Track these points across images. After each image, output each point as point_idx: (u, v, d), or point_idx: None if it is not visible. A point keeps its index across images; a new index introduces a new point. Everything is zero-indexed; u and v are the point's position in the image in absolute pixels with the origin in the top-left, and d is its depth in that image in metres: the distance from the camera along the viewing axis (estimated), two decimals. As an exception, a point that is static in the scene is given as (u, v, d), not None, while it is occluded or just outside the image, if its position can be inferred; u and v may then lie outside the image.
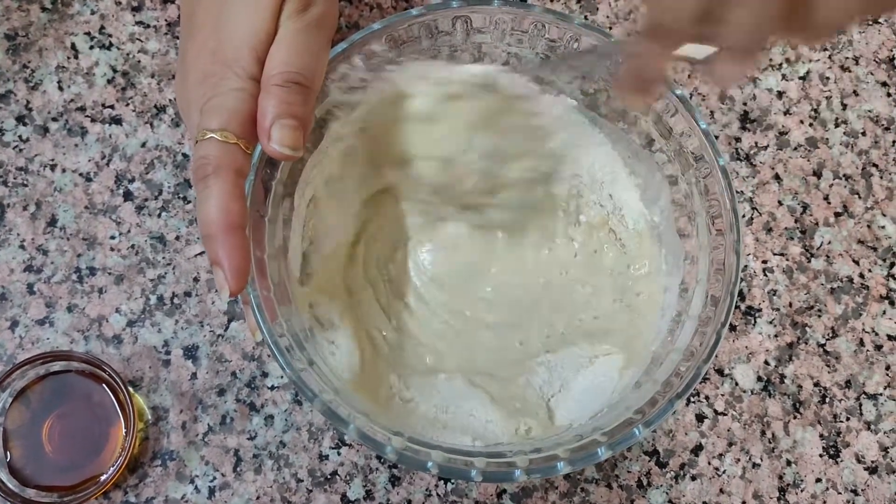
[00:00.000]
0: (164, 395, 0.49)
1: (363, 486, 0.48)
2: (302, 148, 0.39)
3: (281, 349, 0.39)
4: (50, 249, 0.51)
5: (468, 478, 0.37)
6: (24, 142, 0.53)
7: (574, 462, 0.38)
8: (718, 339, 0.40)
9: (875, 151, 0.57)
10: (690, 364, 0.40)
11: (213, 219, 0.36)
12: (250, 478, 0.48)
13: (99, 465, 0.46)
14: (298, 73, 0.39)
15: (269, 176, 0.43)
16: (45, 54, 0.54)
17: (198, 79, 0.39)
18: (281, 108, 0.38)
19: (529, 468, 0.38)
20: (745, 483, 0.50)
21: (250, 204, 0.41)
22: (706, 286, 0.42)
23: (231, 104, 0.38)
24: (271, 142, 0.38)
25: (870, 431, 0.51)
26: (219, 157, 0.37)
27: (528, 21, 0.45)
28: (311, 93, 0.40)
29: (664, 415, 0.39)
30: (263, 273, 0.41)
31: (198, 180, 0.37)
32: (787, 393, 0.52)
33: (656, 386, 0.40)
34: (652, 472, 0.50)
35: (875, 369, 0.53)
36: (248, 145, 0.38)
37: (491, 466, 0.38)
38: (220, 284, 0.37)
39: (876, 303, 0.54)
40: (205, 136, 0.37)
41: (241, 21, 0.39)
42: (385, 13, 0.57)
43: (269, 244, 0.43)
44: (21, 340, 0.49)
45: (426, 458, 0.38)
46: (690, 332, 0.42)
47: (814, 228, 0.55)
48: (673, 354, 0.42)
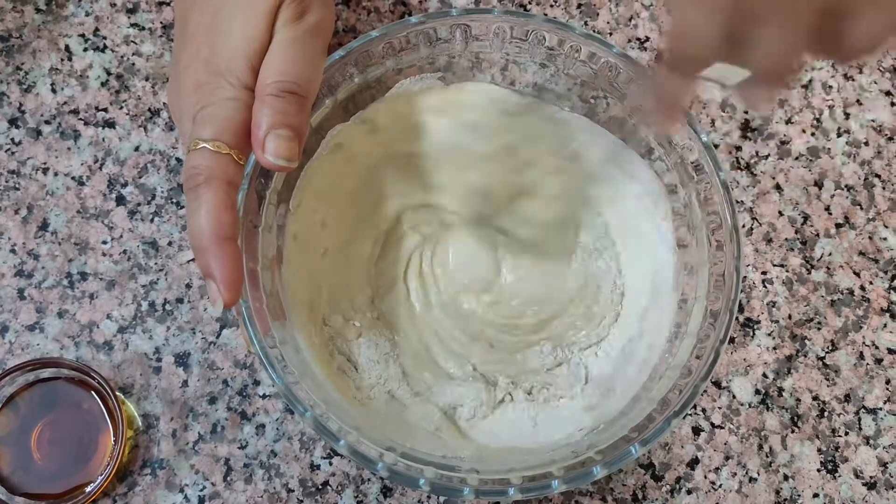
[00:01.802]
0: (155, 402, 0.49)
1: (354, 496, 0.48)
2: (297, 158, 0.38)
3: (272, 361, 0.39)
4: (41, 254, 0.50)
5: (460, 496, 0.37)
6: (17, 144, 0.52)
7: (569, 480, 0.37)
8: (717, 356, 0.39)
9: (878, 162, 0.56)
10: (688, 381, 0.39)
11: (204, 230, 0.36)
12: (241, 487, 0.48)
13: (88, 474, 0.46)
14: (294, 83, 0.38)
15: (263, 185, 0.42)
16: (38, 56, 0.54)
17: (190, 87, 0.39)
18: (276, 119, 0.37)
19: (523, 486, 0.37)
20: (741, 497, 0.49)
21: (243, 214, 0.40)
22: (705, 302, 0.42)
23: (224, 114, 0.37)
24: (265, 153, 0.37)
25: (869, 446, 0.51)
26: (210, 167, 0.36)
27: (527, 30, 0.45)
28: (306, 102, 0.39)
29: (661, 434, 0.38)
30: (256, 284, 0.41)
31: (188, 190, 0.36)
32: (785, 406, 0.51)
33: (653, 404, 0.40)
34: (647, 485, 0.49)
35: (875, 383, 0.52)
36: (241, 156, 0.38)
37: (484, 485, 0.37)
38: (213, 297, 0.36)
39: (877, 316, 0.53)
40: (197, 146, 0.37)
41: (235, 29, 0.39)
42: (382, 17, 0.56)
43: (263, 255, 0.42)
44: (11, 346, 0.49)
45: (418, 474, 0.37)
46: (689, 348, 0.41)
47: (814, 239, 0.54)
48: (670, 371, 0.41)
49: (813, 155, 0.56)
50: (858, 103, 0.57)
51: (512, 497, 0.37)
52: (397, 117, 0.48)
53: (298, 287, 0.45)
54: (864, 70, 0.58)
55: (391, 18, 0.56)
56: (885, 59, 0.58)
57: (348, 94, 0.46)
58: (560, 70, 0.46)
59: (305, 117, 0.39)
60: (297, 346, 0.42)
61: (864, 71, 0.58)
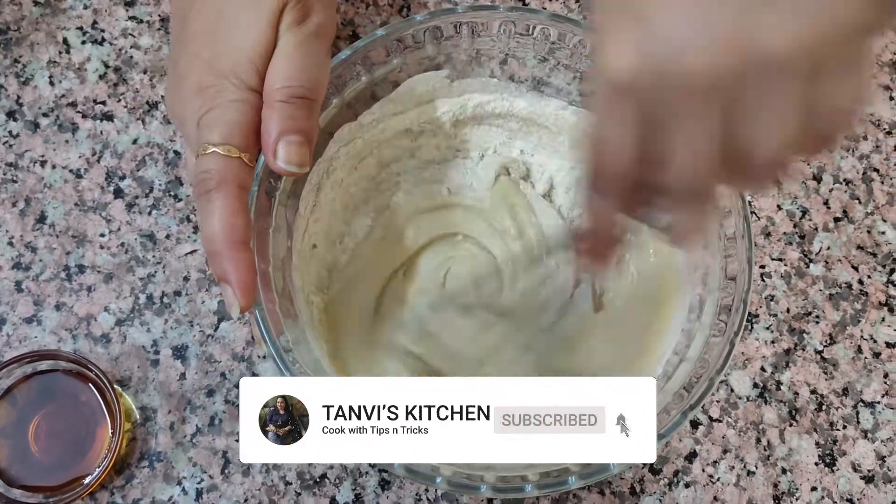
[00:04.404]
0: (153, 395, 0.49)
1: (352, 489, 0.48)
2: (309, 163, 0.38)
3: (287, 364, 0.39)
4: (39, 247, 0.50)
5: (477, 493, 0.37)
6: (14, 137, 0.52)
7: (585, 476, 0.37)
8: (732, 348, 0.40)
9: (876, 156, 0.56)
10: (703, 374, 0.39)
11: (218, 235, 0.36)
12: (238, 480, 0.48)
13: (85, 466, 0.46)
14: (302, 87, 0.38)
15: (272, 187, 0.42)
16: (36, 49, 0.53)
17: (192, 89, 0.38)
18: (286, 124, 0.37)
19: (540, 483, 0.37)
20: (739, 491, 0.49)
21: (254, 216, 0.40)
22: (718, 294, 0.42)
23: (231, 116, 0.37)
24: (277, 159, 0.37)
25: (867, 440, 0.51)
26: (222, 171, 0.36)
27: (532, 25, 0.45)
28: (315, 105, 0.39)
29: (677, 427, 0.38)
30: (268, 286, 0.41)
31: (200, 195, 0.36)
32: (783, 400, 0.51)
33: (667, 397, 0.40)
34: (645, 478, 0.49)
35: (873, 377, 0.52)
36: (252, 158, 0.37)
37: (502, 482, 0.38)
38: (230, 302, 0.36)
39: (875, 310, 0.53)
40: (206, 151, 0.36)
41: (238, 31, 0.38)
42: (381, 10, 0.56)
43: (274, 255, 0.42)
44: (8, 338, 0.49)
45: (435, 473, 0.37)
46: (702, 342, 0.41)
47: (813, 233, 0.54)
48: (685, 364, 0.41)
49: (811, 149, 0.56)
50: (857, 97, 0.57)
51: (529, 494, 0.37)
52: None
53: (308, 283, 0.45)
54: (862, 64, 0.58)
55: (389, 12, 0.56)
56: (884, 53, 0.58)
57: (356, 93, 0.46)
58: (560, 63, 0.46)
59: (315, 121, 0.39)
60: (308, 345, 0.43)
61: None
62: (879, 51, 0.58)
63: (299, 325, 0.42)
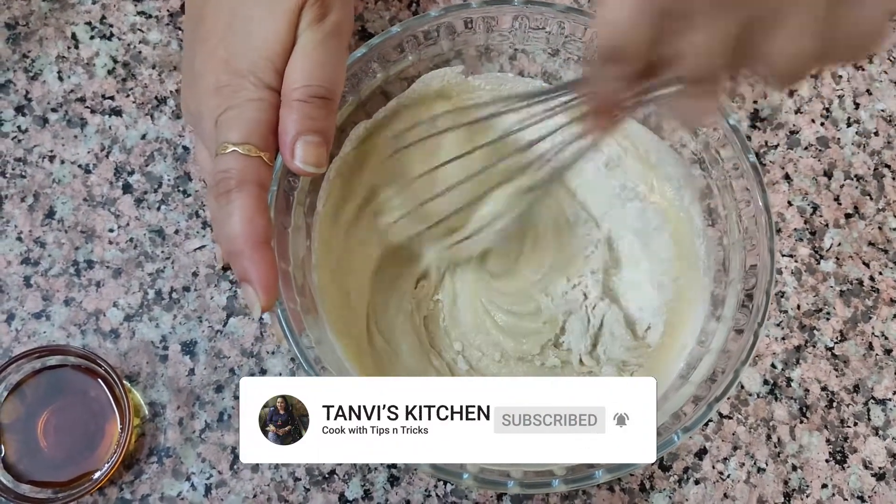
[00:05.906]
0: (162, 390, 0.49)
1: (361, 485, 0.48)
2: (326, 163, 0.38)
3: (310, 362, 0.39)
4: (47, 242, 0.50)
5: (504, 488, 0.37)
6: (23, 132, 0.52)
7: (611, 470, 0.37)
8: (756, 339, 0.40)
9: (888, 152, 0.56)
10: (728, 365, 0.39)
11: (240, 235, 0.35)
12: (247, 476, 0.48)
13: (94, 461, 0.46)
14: (321, 87, 0.38)
15: (290, 186, 0.42)
16: (45, 44, 0.53)
17: (209, 88, 0.38)
18: (304, 124, 0.37)
19: (567, 478, 0.38)
20: (749, 488, 0.49)
21: (273, 215, 0.40)
22: (739, 285, 0.42)
23: (250, 115, 0.37)
24: (295, 159, 0.37)
25: (878, 437, 0.50)
26: (242, 170, 0.36)
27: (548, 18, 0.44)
28: (333, 105, 0.39)
29: (703, 419, 0.38)
30: (289, 285, 0.41)
31: (220, 195, 0.36)
32: (793, 397, 0.51)
33: (692, 388, 0.40)
34: (655, 475, 0.49)
35: (884, 374, 0.52)
36: (271, 158, 0.37)
37: (528, 477, 0.38)
38: (251, 302, 0.36)
39: (886, 306, 0.53)
40: (226, 150, 0.36)
41: (256, 30, 0.38)
42: (390, 5, 0.56)
43: (294, 254, 0.42)
44: (17, 334, 0.49)
45: (462, 469, 0.37)
46: (724, 334, 0.41)
47: (824, 230, 0.54)
48: (708, 357, 0.41)
49: (822, 145, 0.56)
50: (868, 93, 0.57)
51: (556, 489, 0.37)
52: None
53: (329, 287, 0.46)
54: (874, 60, 0.57)
55: (398, 7, 0.56)
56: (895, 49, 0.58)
57: (371, 90, 0.46)
58: (571, 57, 0.46)
59: (332, 121, 0.39)
60: (331, 345, 0.43)
61: (874, 61, 0.57)
62: (891, 46, 0.58)
63: (320, 323, 0.42)
